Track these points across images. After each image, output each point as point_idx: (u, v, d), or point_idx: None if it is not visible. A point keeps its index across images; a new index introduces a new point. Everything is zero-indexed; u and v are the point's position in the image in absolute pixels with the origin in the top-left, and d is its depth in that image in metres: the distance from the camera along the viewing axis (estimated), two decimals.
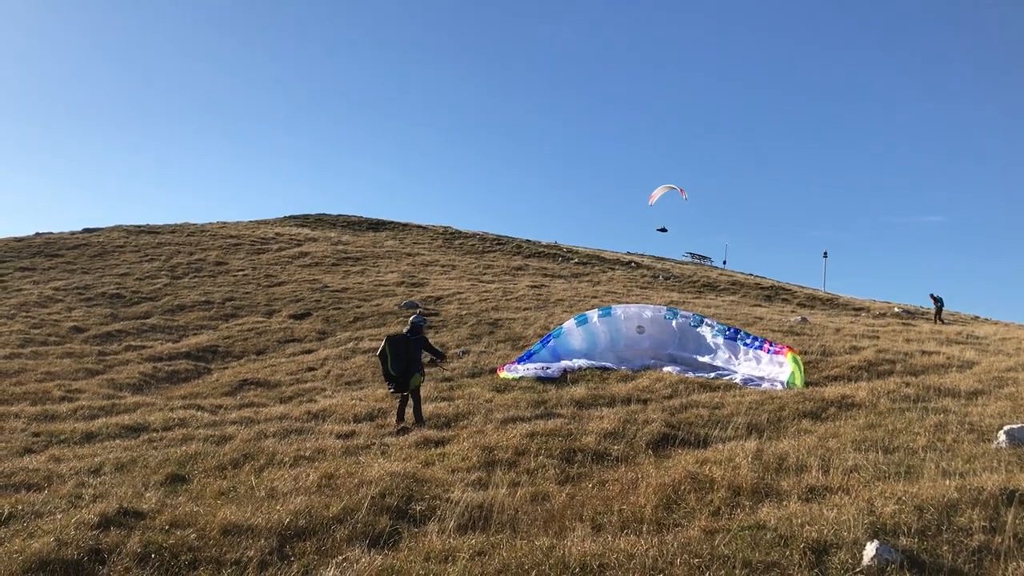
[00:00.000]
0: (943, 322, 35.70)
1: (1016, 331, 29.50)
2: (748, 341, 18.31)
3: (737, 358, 18.31)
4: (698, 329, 19.31)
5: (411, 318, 14.43)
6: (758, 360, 17.78)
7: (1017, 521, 6.76)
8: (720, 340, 18.76)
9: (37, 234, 47.14)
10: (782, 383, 15.94)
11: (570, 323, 20.26)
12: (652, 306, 21.62)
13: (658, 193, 32.60)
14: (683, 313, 20.17)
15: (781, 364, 16.96)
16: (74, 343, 24.66)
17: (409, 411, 13.82)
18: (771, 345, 17.80)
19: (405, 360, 13.50)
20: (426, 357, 14.25)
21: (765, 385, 16.21)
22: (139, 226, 51.83)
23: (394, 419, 13.73)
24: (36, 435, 12.96)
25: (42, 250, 41.55)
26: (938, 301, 37.73)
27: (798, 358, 16.48)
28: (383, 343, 13.66)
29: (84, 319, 28.06)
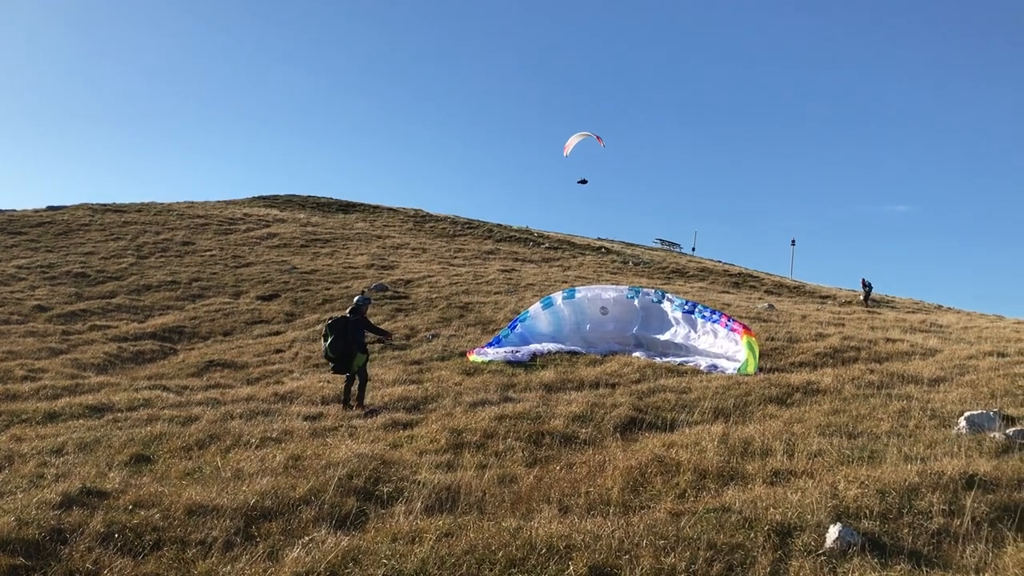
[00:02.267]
0: (869, 306, 37.74)
1: (978, 320, 30.02)
2: (706, 315, 18.50)
3: (696, 331, 18.55)
4: (660, 305, 19.45)
5: (355, 298, 14.40)
6: (715, 334, 17.99)
7: (975, 505, 6.89)
8: (679, 314, 18.97)
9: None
10: (735, 368, 16.05)
11: (536, 307, 20.32)
12: (615, 286, 21.72)
13: (573, 142, 31.56)
14: (645, 290, 20.28)
15: (736, 342, 17.12)
16: (37, 322, 24.28)
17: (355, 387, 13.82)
18: (729, 320, 17.95)
19: (344, 341, 13.50)
20: (374, 338, 14.20)
21: (723, 365, 16.38)
22: (105, 204, 51.01)
23: (355, 401, 13.67)
24: None
25: (4, 228, 40.79)
26: (867, 286, 39.87)
27: (754, 344, 16.54)
28: (324, 325, 13.73)
29: (48, 298, 27.62)
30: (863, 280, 40.11)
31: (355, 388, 13.77)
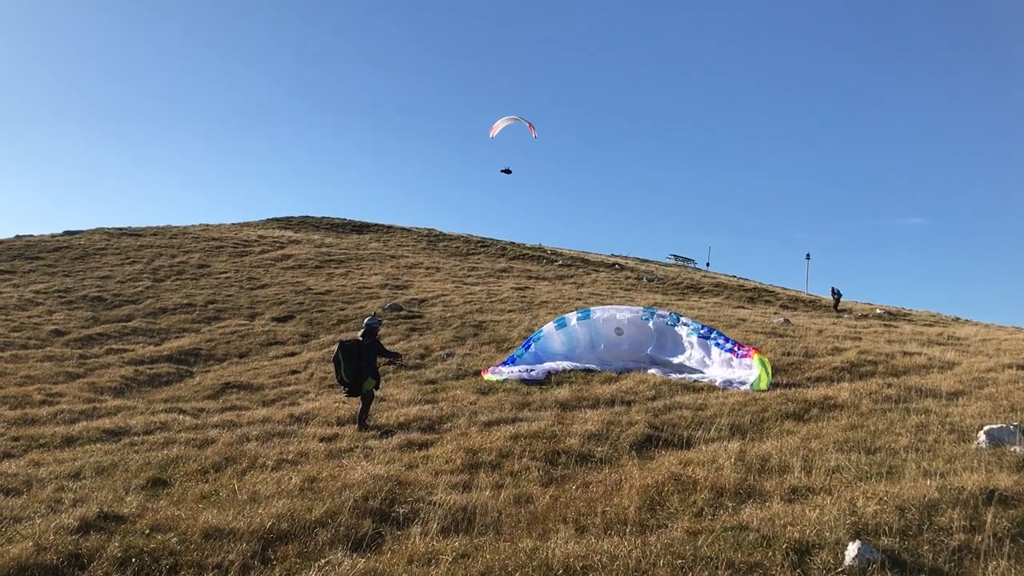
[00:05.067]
0: (839, 313, 39.22)
1: (996, 332, 29.74)
2: (720, 342, 18.41)
3: (710, 358, 18.48)
4: (675, 328, 19.46)
5: (365, 320, 14.41)
6: (729, 364, 17.90)
7: (997, 520, 6.80)
8: (694, 339, 18.94)
9: (17, 237, 46.71)
10: (750, 385, 16.01)
11: (549, 326, 20.30)
12: (630, 307, 21.79)
13: (500, 125, 30.65)
14: (660, 313, 20.31)
15: (749, 367, 17.08)
16: (55, 346, 24.44)
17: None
18: (740, 348, 17.91)
19: (357, 365, 13.52)
20: (386, 360, 14.15)
21: (739, 381, 16.33)
22: (120, 228, 51.44)
23: (369, 422, 13.69)
24: (15, 439, 12.82)
25: (22, 253, 41.16)
26: (836, 293, 42.01)
27: (765, 360, 16.53)
28: (336, 348, 13.71)
29: (65, 322, 27.82)
30: (832, 288, 42.29)
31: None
